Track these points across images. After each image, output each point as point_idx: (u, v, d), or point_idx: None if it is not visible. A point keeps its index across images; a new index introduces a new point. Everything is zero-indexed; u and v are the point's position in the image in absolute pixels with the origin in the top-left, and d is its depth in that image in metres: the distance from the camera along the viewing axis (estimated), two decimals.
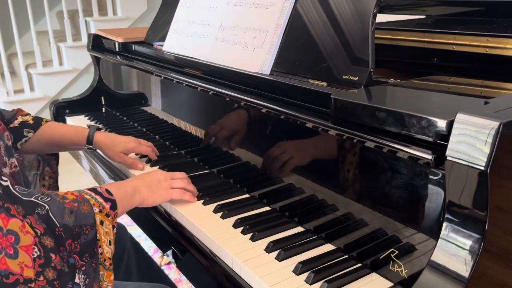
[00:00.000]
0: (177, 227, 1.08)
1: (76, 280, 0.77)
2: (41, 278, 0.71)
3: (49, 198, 0.79)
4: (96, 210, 0.83)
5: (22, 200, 0.75)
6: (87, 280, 0.79)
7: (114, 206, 0.87)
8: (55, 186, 1.42)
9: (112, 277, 0.85)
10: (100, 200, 0.86)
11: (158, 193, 1.04)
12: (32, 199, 0.77)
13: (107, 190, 0.89)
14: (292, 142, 1.02)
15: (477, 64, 1.14)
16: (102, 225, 0.83)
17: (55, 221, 0.76)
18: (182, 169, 1.25)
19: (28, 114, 1.30)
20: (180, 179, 1.12)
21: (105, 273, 0.83)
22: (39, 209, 0.76)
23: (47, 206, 0.77)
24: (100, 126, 1.35)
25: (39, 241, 0.73)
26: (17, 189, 0.77)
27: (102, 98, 2.03)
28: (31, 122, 1.27)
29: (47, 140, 1.29)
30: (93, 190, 0.88)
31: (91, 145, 1.31)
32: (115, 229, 0.86)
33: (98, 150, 1.36)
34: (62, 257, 0.75)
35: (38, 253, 0.72)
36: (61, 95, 3.91)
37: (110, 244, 0.84)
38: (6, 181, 0.75)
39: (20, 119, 1.27)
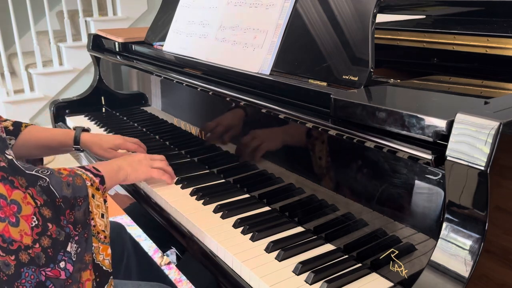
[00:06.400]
0: (177, 226, 1.08)
1: (68, 248, 0.81)
2: (37, 245, 0.77)
3: (49, 172, 0.84)
4: (88, 183, 0.89)
5: (25, 173, 0.80)
6: (79, 249, 0.83)
7: (102, 181, 0.93)
8: None
9: (109, 251, 0.89)
10: (90, 175, 0.92)
11: (140, 171, 1.13)
12: (34, 172, 0.82)
13: (94, 167, 0.95)
14: (291, 143, 1.02)
15: (477, 64, 1.14)
16: (94, 198, 0.89)
17: (55, 192, 0.82)
18: (182, 169, 1.26)
19: (7, 120, 1.26)
20: (159, 160, 1.20)
21: (100, 246, 0.88)
22: (41, 181, 0.81)
23: (47, 179, 0.82)
24: (86, 127, 1.36)
25: (39, 211, 0.78)
26: (19, 162, 0.81)
27: (102, 98, 2.03)
28: (11, 128, 1.24)
29: (35, 143, 1.27)
30: (82, 167, 0.95)
31: (78, 145, 1.31)
32: (107, 203, 0.92)
33: (82, 154, 1.36)
34: (62, 226, 0.81)
35: (37, 222, 0.77)
36: (61, 95, 3.91)
37: (102, 217, 0.90)
38: (10, 155, 0.79)
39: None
